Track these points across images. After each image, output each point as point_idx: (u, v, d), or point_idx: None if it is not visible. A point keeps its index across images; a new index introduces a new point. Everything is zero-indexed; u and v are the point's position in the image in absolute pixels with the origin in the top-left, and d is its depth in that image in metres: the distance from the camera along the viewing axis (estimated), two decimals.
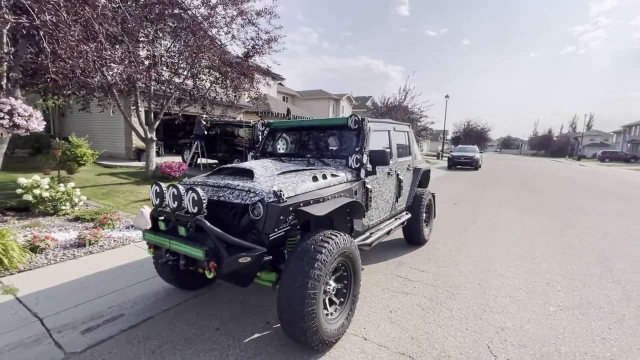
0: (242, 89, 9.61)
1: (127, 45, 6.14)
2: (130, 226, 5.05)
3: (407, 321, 2.80)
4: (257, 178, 2.63)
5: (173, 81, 8.30)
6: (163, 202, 2.47)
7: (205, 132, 11.47)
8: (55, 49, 4.42)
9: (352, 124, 3.46)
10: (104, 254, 4.02)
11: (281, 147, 4.07)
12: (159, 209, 2.52)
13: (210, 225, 2.18)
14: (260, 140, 4.20)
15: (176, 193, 2.32)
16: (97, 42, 5.03)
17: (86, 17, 4.71)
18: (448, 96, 31.45)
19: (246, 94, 11.02)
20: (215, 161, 12.33)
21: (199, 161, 11.70)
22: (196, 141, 11.22)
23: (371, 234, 3.54)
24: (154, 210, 2.58)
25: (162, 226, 2.56)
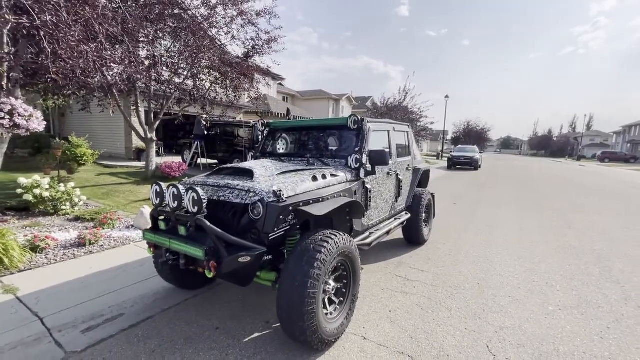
0: (242, 89, 9.62)
1: (127, 45, 6.15)
2: (130, 226, 5.06)
3: (406, 321, 2.80)
4: (257, 178, 2.64)
5: (173, 81, 8.31)
6: (163, 202, 2.48)
7: (205, 132, 11.49)
8: (56, 49, 4.43)
9: (351, 124, 3.47)
10: (104, 253, 4.03)
11: (281, 147, 4.08)
12: (159, 209, 2.53)
13: (210, 224, 2.19)
14: (260, 141, 4.21)
15: (176, 193, 2.33)
16: (98, 42, 5.05)
17: (86, 18, 4.73)
18: (448, 96, 31.48)
19: (246, 94, 11.03)
20: (215, 161, 12.34)
21: (199, 161, 11.71)
22: (196, 141, 11.23)
23: (371, 233, 3.55)
24: (154, 210, 2.58)
25: (162, 226, 2.57)
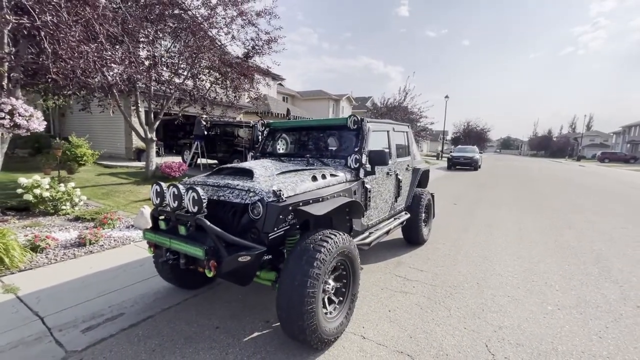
0: (242, 89, 9.63)
1: (128, 45, 6.17)
2: (130, 226, 5.06)
3: (405, 320, 2.81)
4: (257, 178, 2.65)
5: (173, 81, 8.32)
6: (163, 202, 2.48)
7: (205, 133, 11.50)
8: (56, 49, 4.44)
9: (351, 124, 3.48)
10: (104, 253, 4.04)
11: (281, 147, 4.09)
12: (160, 209, 2.53)
13: (210, 224, 2.20)
14: (260, 141, 4.22)
15: (176, 192, 2.34)
16: (98, 42, 5.06)
17: (87, 18, 4.74)
18: (448, 97, 31.49)
19: (246, 95, 11.05)
20: (215, 161, 12.35)
21: (199, 161, 11.72)
22: (196, 141, 11.24)
23: (370, 233, 3.56)
24: (155, 209, 2.59)
25: (162, 225, 2.58)
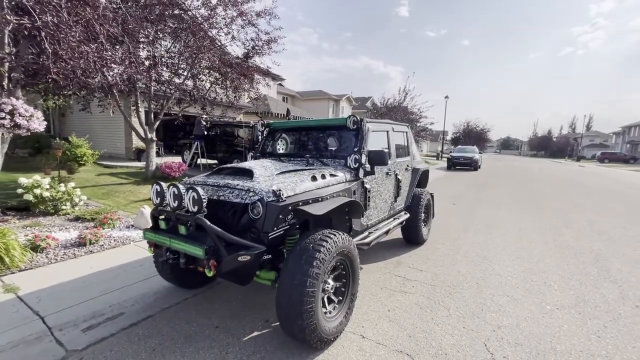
0: (242, 89, 9.64)
1: (128, 45, 6.18)
2: (130, 226, 5.07)
3: (405, 319, 2.82)
4: (257, 178, 2.66)
5: (173, 82, 8.33)
6: (163, 201, 2.49)
7: (205, 133, 11.51)
8: (57, 49, 4.45)
9: (350, 125, 3.49)
10: (104, 253, 4.05)
11: (281, 148, 4.10)
12: (160, 208, 2.54)
13: (210, 224, 2.20)
14: (260, 141, 4.23)
15: (176, 192, 2.35)
16: (98, 42, 5.07)
17: (87, 18, 4.75)
18: (448, 97, 31.48)
19: (246, 95, 11.06)
20: (215, 161, 12.36)
21: (199, 161, 11.73)
22: (196, 141, 11.24)
23: (370, 233, 3.57)
24: (155, 209, 2.60)
25: (162, 225, 2.59)
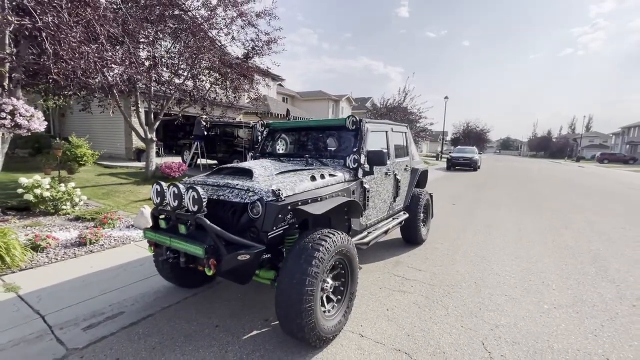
0: (241, 89, 9.66)
1: (128, 46, 6.19)
2: (130, 226, 5.09)
3: (403, 319, 2.84)
4: (256, 177, 2.68)
5: (173, 82, 8.35)
6: (164, 201, 2.51)
7: (205, 133, 11.53)
8: (57, 50, 4.47)
9: (350, 125, 3.51)
10: (104, 252, 4.07)
11: (280, 148, 4.12)
12: (160, 208, 2.56)
13: (210, 223, 2.22)
14: (260, 141, 4.24)
15: (176, 192, 2.36)
16: (98, 43, 5.09)
17: (87, 19, 4.77)
18: (447, 97, 31.53)
19: (246, 95, 11.08)
20: (215, 162, 12.37)
21: (199, 162, 11.75)
22: (196, 142, 11.26)
23: (369, 233, 3.59)
24: (155, 208, 2.61)
25: (162, 224, 2.61)
